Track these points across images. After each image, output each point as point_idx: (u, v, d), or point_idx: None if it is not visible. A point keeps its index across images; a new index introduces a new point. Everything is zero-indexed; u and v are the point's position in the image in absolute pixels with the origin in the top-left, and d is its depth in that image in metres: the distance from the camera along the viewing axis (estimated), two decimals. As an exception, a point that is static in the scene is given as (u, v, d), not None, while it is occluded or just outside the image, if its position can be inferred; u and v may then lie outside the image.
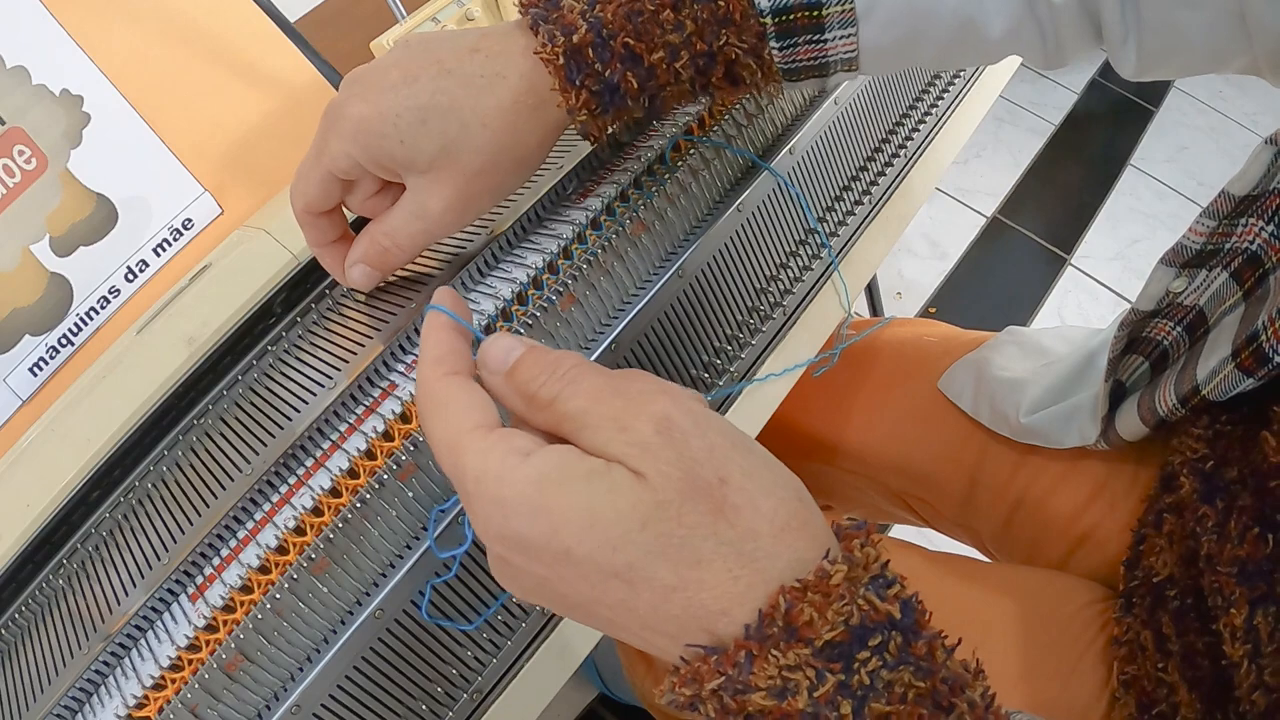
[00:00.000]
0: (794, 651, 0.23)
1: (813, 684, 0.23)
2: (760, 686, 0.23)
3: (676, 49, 0.35)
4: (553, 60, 0.35)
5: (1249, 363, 0.36)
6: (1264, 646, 0.34)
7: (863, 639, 0.24)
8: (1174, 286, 0.41)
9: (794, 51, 0.36)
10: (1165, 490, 0.44)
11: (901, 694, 0.23)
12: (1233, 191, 0.37)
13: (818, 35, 0.36)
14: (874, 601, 0.24)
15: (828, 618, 0.23)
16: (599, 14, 0.34)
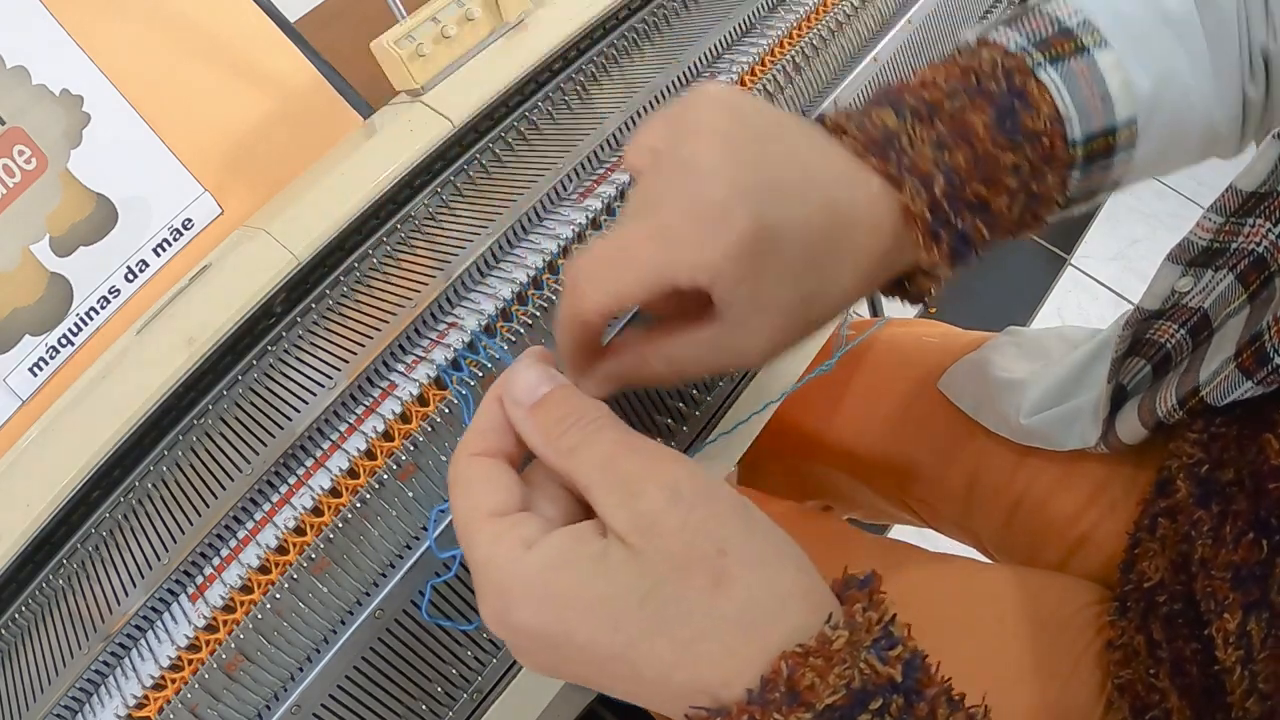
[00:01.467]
0: (795, 715, 0.23)
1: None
2: None
3: (1015, 193, 0.33)
4: (920, 216, 0.32)
5: (1249, 363, 0.36)
6: (1256, 652, 0.34)
7: (864, 702, 0.24)
8: (1180, 286, 0.41)
9: (1088, 179, 0.36)
10: (1160, 494, 0.44)
11: None
12: (1240, 186, 0.37)
13: (1108, 159, 0.36)
14: (875, 665, 0.24)
15: (829, 682, 0.24)
16: (949, 160, 0.32)
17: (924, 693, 0.24)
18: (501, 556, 0.27)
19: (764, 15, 0.53)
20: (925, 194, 0.32)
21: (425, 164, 0.45)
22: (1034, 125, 0.33)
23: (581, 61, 0.51)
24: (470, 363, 0.38)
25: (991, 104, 0.33)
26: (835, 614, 0.25)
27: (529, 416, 0.29)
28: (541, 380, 0.29)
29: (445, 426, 0.37)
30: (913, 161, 0.32)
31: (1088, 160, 0.35)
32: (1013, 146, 0.33)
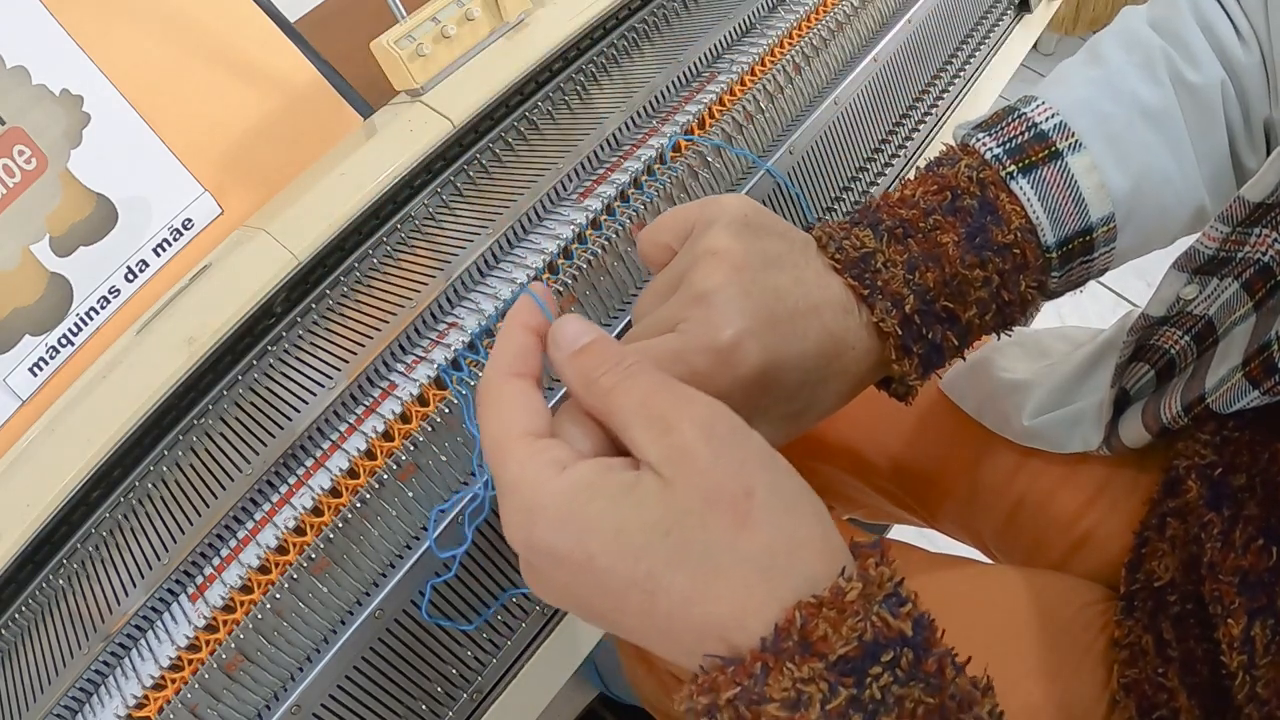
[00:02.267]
0: (808, 665, 0.24)
1: (825, 697, 0.23)
2: (774, 698, 0.24)
3: (986, 303, 0.36)
4: (891, 333, 0.35)
5: (1257, 372, 0.36)
6: (1259, 658, 0.34)
7: (875, 655, 0.24)
8: (1185, 293, 0.41)
9: (1068, 276, 0.39)
10: (1169, 494, 0.44)
11: (911, 709, 0.24)
12: (1249, 197, 0.37)
13: (1087, 256, 0.38)
14: (887, 619, 0.25)
15: (842, 633, 0.24)
16: (920, 281, 0.35)
17: (932, 650, 0.25)
18: (532, 475, 0.27)
19: (764, 15, 0.53)
20: (896, 312, 0.35)
21: (425, 164, 0.45)
22: (1004, 239, 0.36)
23: (581, 61, 0.51)
24: (470, 363, 0.38)
25: (963, 223, 0.36)
26: (849, 567, 0.26)
27: (570, 360, 0.30)
28: (584, 330, 0.30)
29: (445, 426, 0.37)
30: (885, 282, 0.35)
31: (1065, 260, 0.38)
32: (981, 264, 0.36)
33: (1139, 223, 0.38)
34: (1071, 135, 0.38)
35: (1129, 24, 0.43)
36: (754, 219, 0.34)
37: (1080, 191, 0.37)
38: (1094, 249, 0.38)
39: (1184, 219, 0.40)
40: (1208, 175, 0.40)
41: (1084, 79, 0.41)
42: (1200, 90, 0.40)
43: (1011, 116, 0.39)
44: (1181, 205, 0.40)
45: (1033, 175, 0.37)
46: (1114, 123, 0.38)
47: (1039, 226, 0.37)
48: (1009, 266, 0.36)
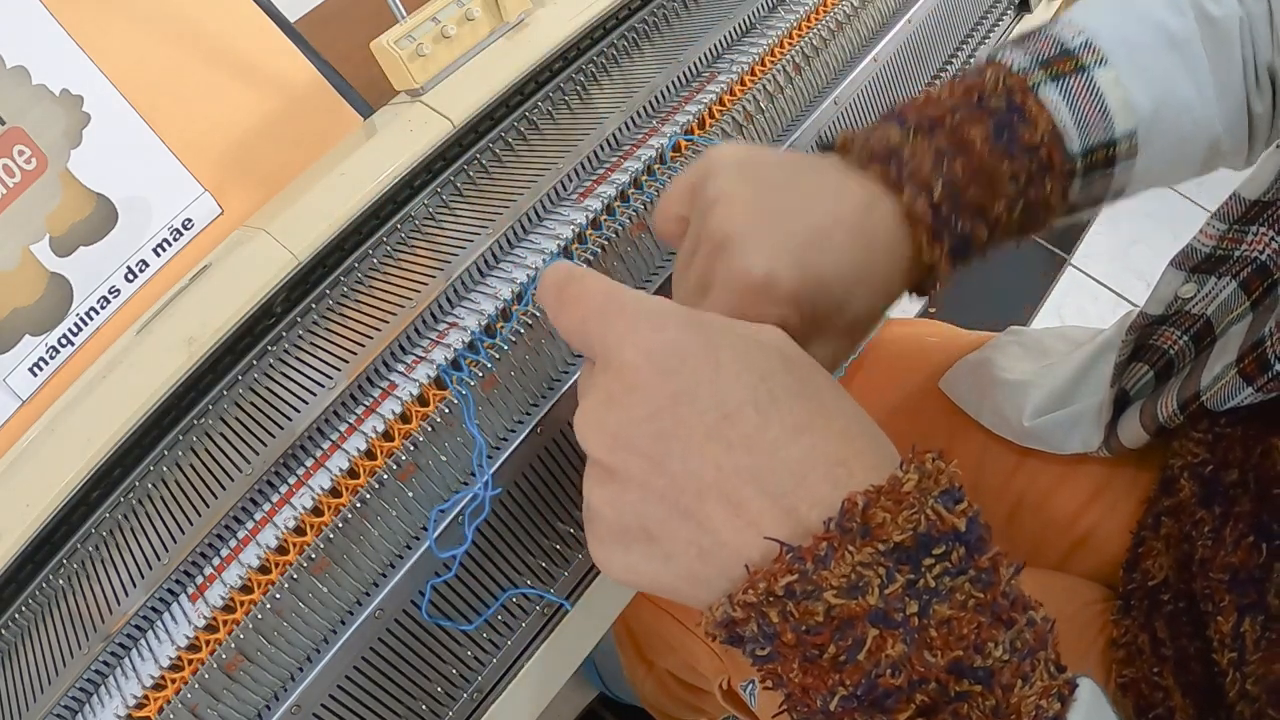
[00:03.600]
0: (868, 549, 0.24)
1: (883, 582, 0.24)
2: (833, 585, 0.24)
3: (1014, 200, 0.36)
4: (923, 218, 0.34)
5: (1251, 369, 0.36)
6: (1249, 654, 0.34)
7: (928, 546, 0.24)
8: (1183, 292, 0.41)
9: (1090, 189, 0.38)
10: (1164, 493, 0.44)
11: (963, 601, 0.24)
12: (1244, 195, 0.37)
13: (1109, 169, 0.38)
14: (941, 512, 0.25)
15: (898, 522, 0.24)
16: (949, 170, 0.34)
17: (985, 547, 0.25)
18: (659, 300, 0.29)
19: (764, 15, 0.53)
20: (925, 198, 0.34)
21: (425, 164, 0.45)
22: (1031, 139, 0.35)
23: (581, 61, 0.51)
24: (470, 363, 0.38)
25: (991, 118, 0.36)
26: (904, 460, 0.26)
27: None
28: None
29: (445, 426, 0.37)
30: (913, 170, 0.34)
31: (1087, 169, 0.37)
32: (1009, 157, 0.35)
33: (1158, 145, 0.38)
34: (1098, 52, 0.37)
35: None
36: (751, 157, 0.35)
37: (1106, 103, 0.36)
38: (1115, 163, 0.37)
39: (1199, 150, 0.40)
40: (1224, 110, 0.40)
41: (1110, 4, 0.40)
42: (1220, 23, 0.39)
43: (1040, 35, 0.39)
44: (1198, 134, 0.39)
45: (1060, 84, 0.36)
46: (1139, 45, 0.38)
47: (1065, 132, 0.36)
48: (1035, 167, 0.36)
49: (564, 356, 0.40)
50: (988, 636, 0.24)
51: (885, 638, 0.23)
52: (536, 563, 0.40)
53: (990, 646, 0.24)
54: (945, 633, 0.24)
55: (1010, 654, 0.24)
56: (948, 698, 0.24)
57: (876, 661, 0.23)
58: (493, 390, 0.38)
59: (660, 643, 0.74)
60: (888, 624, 0.24)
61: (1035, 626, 0.25)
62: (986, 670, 0.24)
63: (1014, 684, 0.24)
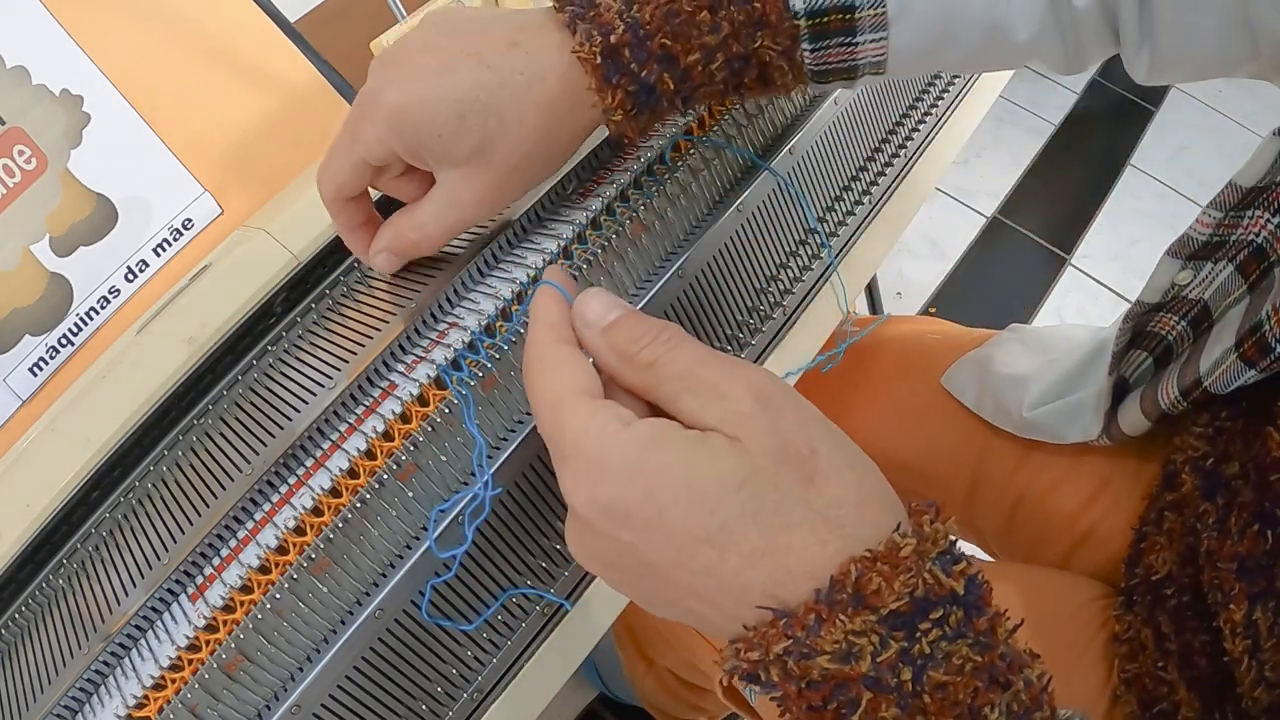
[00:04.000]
0: (860, 618, 0.24)
1: (876, 649, 0.24)
2: (825, 650, 0.24)
3: (712, 51, 0.35)
4: (590, 60, 0.34)
5: (1252, 353, 0.36)
6: (1264, 641, 0.34)
7: (925, 611, 0.24)
8: (1179, 279, 0.41)
9: (825, 54, 0.36)
10: (1167, 488, 0.44)
11: (959, 665, 0.24)
12: (1240, 183, 0.37)
13: (849, 38, 0.36)
14: (939, 576, 0.25)
15: (894, 588, 0.24)
16: (636, 14, 0.34)
17: (984, 609, 0.25)
18: (597, 430, 0.27)
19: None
20: (601, 40, 0.34)
21: (425, 163, 0.45)
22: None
23: (581, 61, 0.50)
24: (470, 363, 0.38)
25: None
26: (904, 524, 0.26)
27: (604, 336, 0.30)
28: (611, 306, 0.31)
29: (445, 426, 0.37)
30: (598, 13, 0.34)
31: (818, 34, 0.35)
32: (710, 7, 0.34)
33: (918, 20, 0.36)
34: None
35: None
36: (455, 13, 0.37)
37: None
38: (857, 32, 0.35)
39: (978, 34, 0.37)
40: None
41: None
42: None
43: None
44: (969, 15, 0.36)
45: None
46: None
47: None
48: (743, 18, 0.34)
49: (564, 356, 0.40)
50: (984, 701, 0.24)
51: (879, 701, 0.24)
52: (536, 563, 0.40)
53: (986, 710, 0.24)
54: (940, 698, 0.24)
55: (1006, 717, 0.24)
56: None
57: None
58: (493, 390, 0.38)
59: (660, 641, 0.74)
60: (881, 689, 0.24)
61: (1031, 687, 0.25)
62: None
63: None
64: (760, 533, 0.25)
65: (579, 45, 0.34)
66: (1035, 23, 0.37)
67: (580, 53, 0.34)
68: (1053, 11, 0.37)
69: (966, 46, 0.37)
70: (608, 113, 0.36)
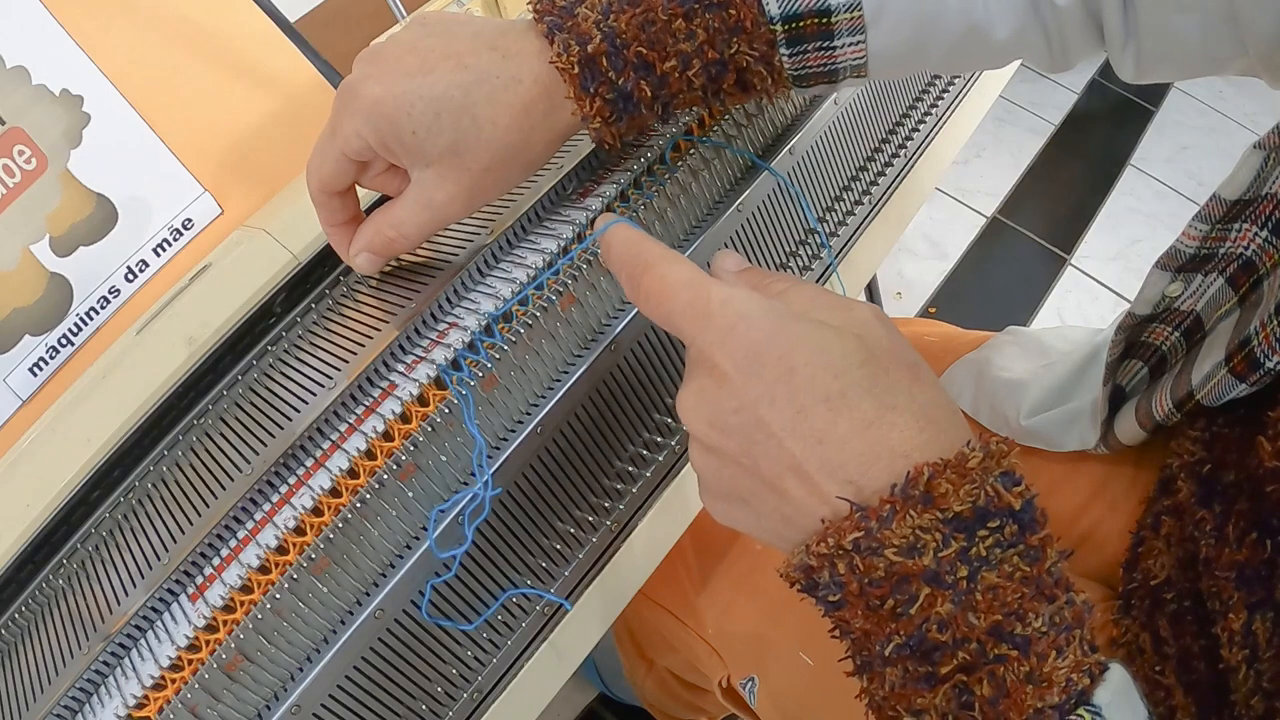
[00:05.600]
0: (928, 515, 0.26)
1: (939, 546, 0.26)
2: (893, 543, 0.26)
3: (689, 57, 0.36)
4: (568, 69, 0.35)
5: (1241, 367, 0.36)
6: (1262, 651, 0.34)
7: (984, 519, 0.27)
8: (1170, 291, 0.41)
9: (804, 58, 0.37)
10: (1163, 493, 0.44)
11: (1010, 572, 0.26)
12: (1224, 195, 0.37)
13: (827, 42, 0.36)
14: (1000, 490, 0.27)
15: (960, 494, 0.26)
16: (613, 23, 0.35)
17: (1037, 528, 0.27)
18: (741, 295, 0.30)
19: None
20: (578, 49, 0.35)
21: (425, 164, 0.45)
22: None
23: (581, 61, 0.50)
24: (470, 363, 0.38)
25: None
26: (974, 440, 0.28)
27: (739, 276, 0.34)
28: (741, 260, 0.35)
29: (445, 426, 0.37)
30: (575, 23, 0.35)
31: (795, 39, 0.36)
32: (685, 15, 0.35)
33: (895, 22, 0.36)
34: None
35: None
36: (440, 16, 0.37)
37: None
38: (834, 36, 0.36)
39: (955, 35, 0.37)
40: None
41: None
42: None
43: None
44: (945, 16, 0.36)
45: None
46: None
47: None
48: (719, 25, 0.35)
49: (564, 357, 0.40)
50: (1029, 608, 0.26)
51: (935, 596, 0.26)
52: (536, 563, 0.40)
53: (1031, 617, 0.26)
54: (990, 598, 0.26)
55: (1049, 627, 0.26)
56: (986, 659, 0.26)
57: (926, 617, 0.26)
58: (493, 390, 0.38)
59: (660, 641, 0.74)
60: (939, 584, 0.26)
61: (1074, 606, 0.27)
62: (1024, 638, 0.26)
63: (1049, 654, 0.26)
64: (873, 404, 0.28)
65: (556, 55, 0.35)
66: (1015, 22, 0.37)
67: (558, 63, 0.35)
68: (1034, 11, 0.37)
69: (944, 47, 0.37)
70: (586, 120, 0.37)
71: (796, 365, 0.28)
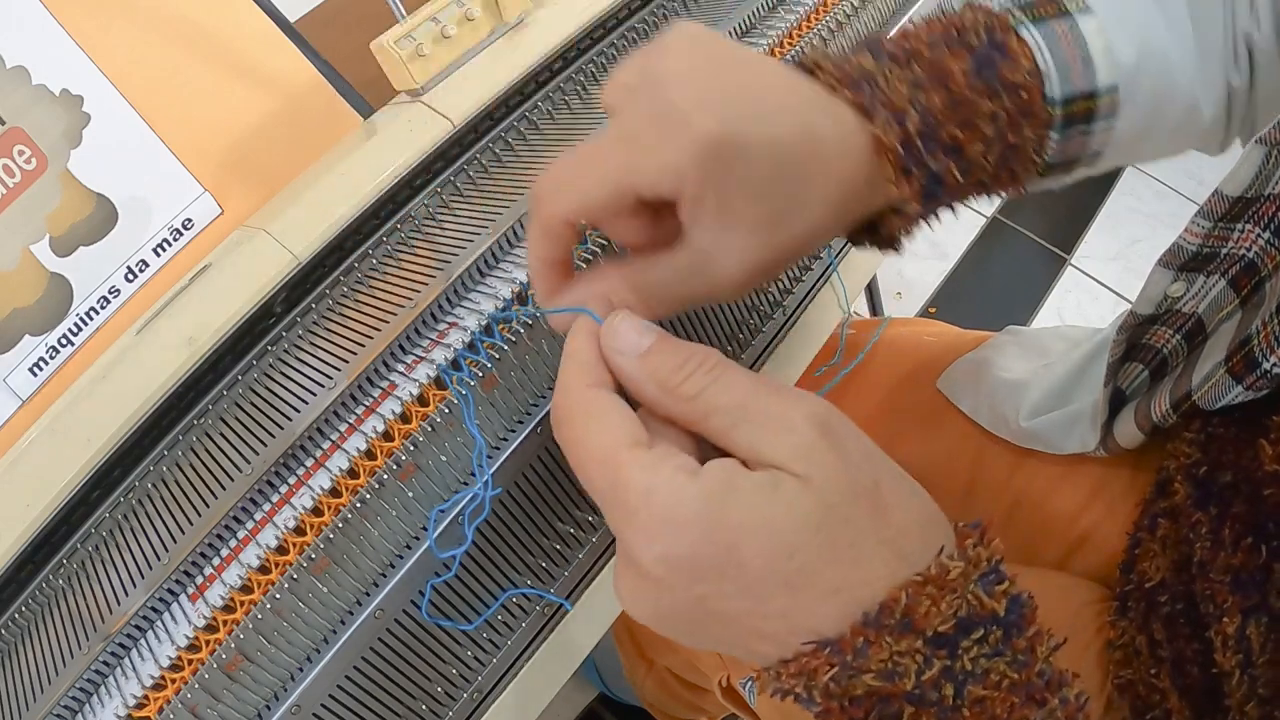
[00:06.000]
0: (905, 640, 0.25)
1: (920, 668, 0.24)
2: (871, 669, 0.24)
3: (991, 141, 0.33)
4: (892, 149, 0.32)
5: (1239, 368, 0.36)
6: (1256, 657, 0.34)
7: (967, 631, 0.25)
8: (1172, 291, 0.41)
9: (1067, 144, 0.36)
10: (1160, 495, 0.44)
11: (997, 682, 0.25)
12: (1226, 191, 0.37)
13: (1087, 125, 0.35)
14: (981, 597, 0.25)
15: (940, 609, 0.25)
16: (925, 100, 0.32)
17: (1024, 629, 0.26)
18: (664, 484, 0.26)
19: (763, 16, 0.53)
20: (898, 128, 0.31)
21: (425, 164, 0.45)
22: (1013, 76, 0.33)
23: (581, 61, 0.51)
24: (470, 363, 0.38)
25: (970, 53, 0.33)
26: (948, 545, 0.26)
27: (642, 365, 0.28)
28: (643, 331, 0.29)
29: (445, 426, 0.37)
30: (887, 97, 0.32)
31: (1067, 122, 0.35)
32: (990, 94, 0.33)
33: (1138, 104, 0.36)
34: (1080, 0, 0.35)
35: None
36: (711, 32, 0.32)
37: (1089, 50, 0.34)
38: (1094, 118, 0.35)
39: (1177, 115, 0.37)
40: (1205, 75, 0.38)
41: None
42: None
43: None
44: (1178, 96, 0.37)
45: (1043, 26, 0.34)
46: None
47: (1046, 75, 0.34)
48: (1015, 108, 0.33)
49: (564, 357, 0.40)
50: (1020, 716, 0.25)
51: (921, 715, 0.24)
52: (536, 563, 0.40)
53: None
54: (979, 712, 0.25)
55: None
56: None
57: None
58: (493, 390, 0.38)
59: (660, 641, 0.74)
60: (923, 704, 0.24)
61: (1068, 705, 0.26)
62: None
63: None
64: (836, 571, 0.25)
65: (883, 131, 0.31)
66: (1218, 102, 0.38)
67: (884, 138, 0.31)
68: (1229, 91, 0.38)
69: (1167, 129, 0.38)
70: (903, 203, 0.33)
71: (745, 559, 0.25)
